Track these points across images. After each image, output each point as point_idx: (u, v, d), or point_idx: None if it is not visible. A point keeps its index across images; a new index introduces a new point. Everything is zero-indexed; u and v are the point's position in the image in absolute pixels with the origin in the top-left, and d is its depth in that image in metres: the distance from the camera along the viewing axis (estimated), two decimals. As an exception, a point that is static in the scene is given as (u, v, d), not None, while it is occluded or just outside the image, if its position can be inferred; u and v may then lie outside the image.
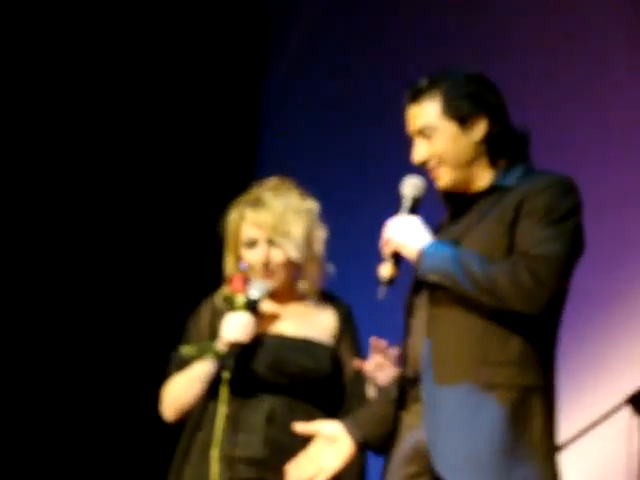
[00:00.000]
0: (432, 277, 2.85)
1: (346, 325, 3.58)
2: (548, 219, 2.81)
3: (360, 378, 3.46)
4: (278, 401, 3.46)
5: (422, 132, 2.92)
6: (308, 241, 3.53)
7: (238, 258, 3.57)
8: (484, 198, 2.91)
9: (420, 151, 2.92)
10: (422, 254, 2.85)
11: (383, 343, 3.28)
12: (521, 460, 2.78)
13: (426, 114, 2.90)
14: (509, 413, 2.78)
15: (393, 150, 3.39)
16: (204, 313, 3.60)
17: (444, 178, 2.92)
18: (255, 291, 3.49)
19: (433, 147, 2.91)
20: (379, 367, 3.29)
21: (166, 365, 5.44)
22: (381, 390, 3.25)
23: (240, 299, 3.49)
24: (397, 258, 2.92)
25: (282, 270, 3.52)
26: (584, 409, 4.79)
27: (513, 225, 2.82)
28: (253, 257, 3.52)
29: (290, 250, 3.51)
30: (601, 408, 4.58)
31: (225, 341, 3.42)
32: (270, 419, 3.45)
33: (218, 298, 3.61)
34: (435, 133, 2.90)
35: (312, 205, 3.58)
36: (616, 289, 5.06)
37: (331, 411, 3.46)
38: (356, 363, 3.33)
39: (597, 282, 4.87)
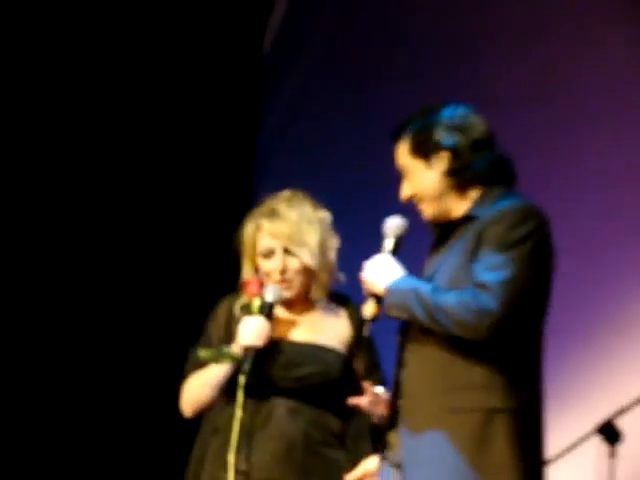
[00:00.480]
0: (394, 312, 2.95)
1: (360, 334, 3.58)
2: (500, 247, 2.87)
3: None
4: (290, 405, 3.50)
5: (402, 172, 3.07)
6: (322, 249, 3.59)
7: (255, 268, 3.62)
8: (459, 228, 3.01)
9: (403, 189, 3.07)
10: (387, 291, 2.95)
11: (372, 389, 3.31)
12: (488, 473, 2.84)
13: (401, 155, 3.06)
14: (471, 436, 2.84)
15: (387, 189, 3.41)
16: (221, 314, 3.64)
17: (426, 212, 3.04)
18: (270, 295, 3.53)
19: (411, 185, 3.05)
20: (373, 403, 3.32)
21: (176, 364, 5.47)
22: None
23: (256, 303, 3.54)
24: (378, 296, 3.02)
25: (298, 277, 3.57)
26: (555, 437, 4.79)
27: (474, 254, 2.91)
28: (270, 266, 3.57)
29: (306, 258, 3.56)
30: (571, 437, 4.59)
31: (241, 345, 3.46)
32: (283, 436, 3.47)
33: (236, 304, 3.64)
34: (409, 172, 3.05)
35: (325, 215, 3.65)
36: (588, 323, 5.04)
37: (343, 416, 3.54)
38: (351, 400, 3.34)
39: (569, 315, 4.84)
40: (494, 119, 3.17)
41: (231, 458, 3.46)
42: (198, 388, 3.56)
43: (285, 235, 3.58)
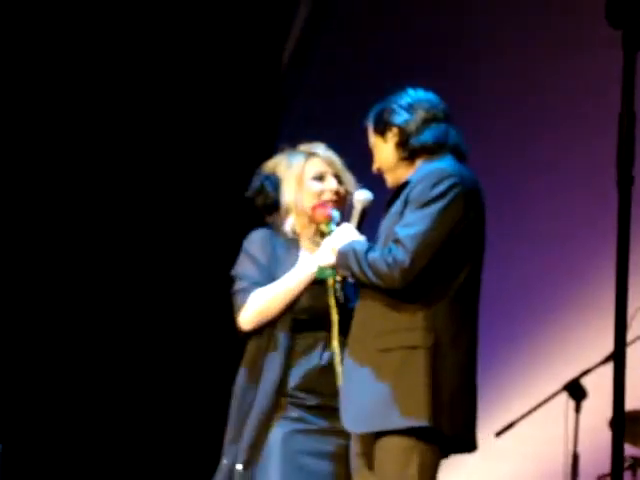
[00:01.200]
0: (341, 271, 3.18)
1: None
2: (416, 205, 3.03)
3: None
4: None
5: (371, 149, 3.31)
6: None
7: (301, 191, 3.53)
8: (399, 193, 3.17)
9: (373, 164, 3.30)
10: (336, 253, 3.16)
11: None
12: (397, 408, 2.96)
13: (369, 135, 3.31)
14: (394, 370, 3.00)
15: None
16: (264, 242, 3.54)
17: (388, 181, 3.28)
18: (336, 218, 3.49)
19: (376, 159, 3.30)
20: None
21: (176, 363, 5.38)
22: None
23: (330, 227, 3.46)
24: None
25: (344, 202, 3.54)
26: (526, 396, 4.76)
27: (401, 215, 3.08)
28: (324, 186, 3.53)
29: (351, 187, 3.55)
30: (541, 395, 4.61)
31: (332, 264, 3.31)
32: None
33: (282, 230, 3.54)
34: (374, 148, 3.30)
35: None
36: (558, 301, 5.05)
37: None
38: None
39: (544, 294, 4.90)
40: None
41: (335, 343, 3.41)
42: (275, 299, 3.43)
43: (336, 163, 3.58)
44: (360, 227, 3.34)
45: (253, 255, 3.52)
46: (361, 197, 3.38)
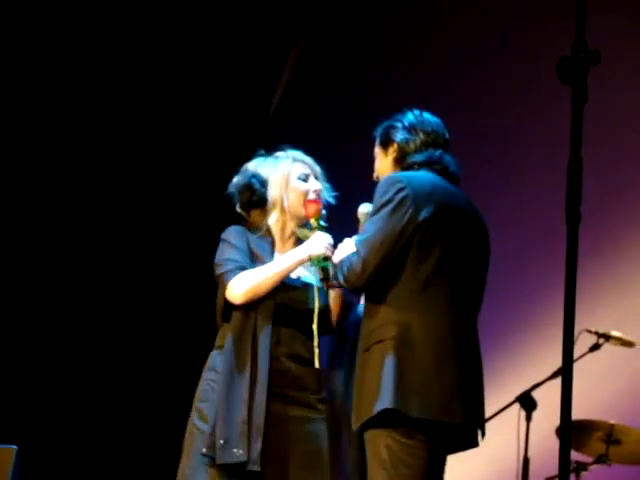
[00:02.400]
0: (334, 281, 3.18)
1: None
2: (371, 214, 3.06)
3: None
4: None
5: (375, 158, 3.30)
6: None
7: (287, 190, 3.48)
8: None
9: (374, 171, 3.30)
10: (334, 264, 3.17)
11: None
12: (366, 394, 2.93)
13: (375, 146, 3.31)
14: (369, 366, 2.96)
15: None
16: (242, 235, 3.47)
17: None
18: (325, 215, 3.49)
19: (376, 168, 3.29)
20: None
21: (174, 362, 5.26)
22: None
23: (320, 222, 3.45)
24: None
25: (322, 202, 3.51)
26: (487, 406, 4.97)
27: None
28: (309, 186, 3.50)
29: (326, 190, 3.56)
30: (496, 405, 4.56)
31: (323, 254, 3.35)
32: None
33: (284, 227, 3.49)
34: (376, 158, 3.30)
35: None
36: (512, 321, 5.11)
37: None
38: None
39: (500, 314, 4.87)
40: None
41: (314, 327, 3.36)
42: (267, 277, 3.34)
43: (316, 168, 3.57)
44: None
45: (233, 243, 3.43)
46: (364, 210, 3.37)
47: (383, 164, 3.25)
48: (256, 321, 3.33)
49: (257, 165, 3.58)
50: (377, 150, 3.28)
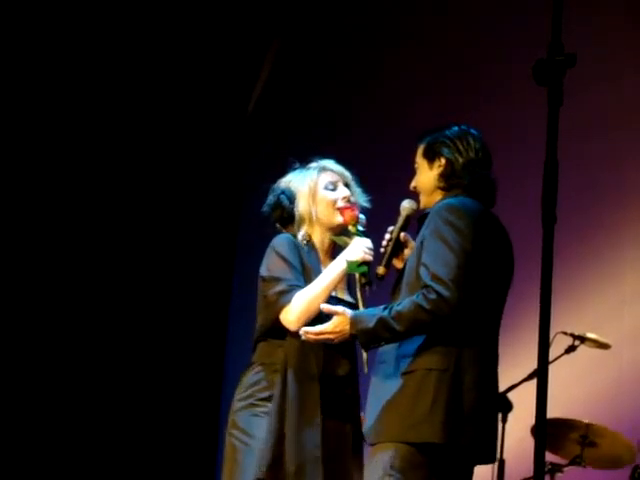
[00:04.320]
0: (371, 345, 3.09)
1: None
2: (436, 237, 2.99)
3: None
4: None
5: (415, 168, 3.25)
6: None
7: (315, 202, 3.46)
8: (420, 220, 3.16)
9: (412, 181, 3.25)
10: (359, 333, 3.06)
11: None
12: (413, 422, 2.91)
13: (417, 155, 3.24)
14: (407, 388, 2.94)
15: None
16: (294, 247, 3.43)
17: (421, 201, 3.23)
18: (363, 220, 3.46)
19: (417, 179, 3.23)
20: None
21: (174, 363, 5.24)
22: None
23: (357, 228, 3.42)
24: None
25: (356, 208, 3.49)
26: None
27: (422, 247, 3.03)
28: (337, 195, 3.48)
29: (358, 197, 3.54)
30: None
31: (363, 259, 3.33)
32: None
33: (323, 236, 3.47)
34: (418, 169, 3.23)
35: None
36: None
37: None
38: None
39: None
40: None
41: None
42: (316, 297, 3.31)
43: (346, 175, 3.55)
44: (404, 230, 3.31)
45: (286, 258, 3.39)
46: (407, 205, 3.33)
47: (426, 177, 3.20)
48: (309, 347, 3.32)
49: (289, 179, 3.56)
50: (420, 161, 3.22)
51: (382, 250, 3.31)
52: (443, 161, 3.14)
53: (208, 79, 6.49)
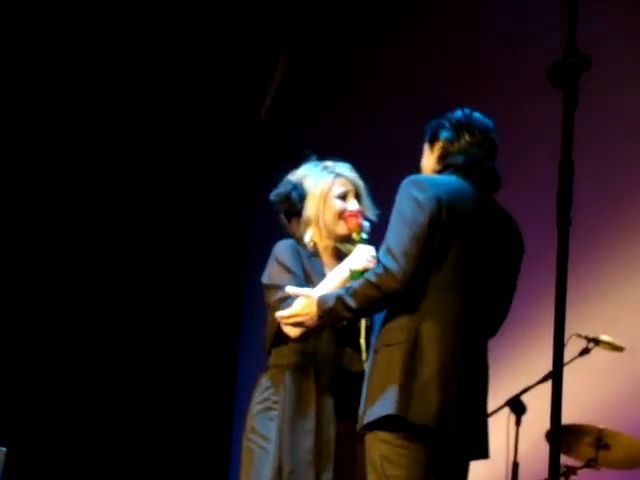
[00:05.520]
0: (334, 322, 3.17)
1: None
2: (394, 213, 3.02)
3: None
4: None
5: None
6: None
7: (324, 207, 3.46)
8: None
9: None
10: (322, 313, 3.09)
11: None
12: (370, 398, 2.92)
13: (424, 140, 3.25)
14: (370, 364, 2.98)
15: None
16: (294, 253, 3.43)
17: None
18: (367, 228, 3.46)
19: (422, 162, 3.25)
20: None
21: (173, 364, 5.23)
22: None
23: (362, 235, 3.43)
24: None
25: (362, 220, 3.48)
26: None
27: None
28: (348, 206, 3.46)
29: (367, 209, 3.53)
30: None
31: (364, 267, 3.29)
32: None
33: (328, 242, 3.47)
34: (423, 153, 3.24)
35: None
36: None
37: None
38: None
39: None
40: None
41: (362, 341, 3.32)
42: None
43: (359, 185, 3.53)
44: None
45: (287, 265, 3.39)
46: None
47: (427, 160, 3.21)
48: (315, 347, 3.31)
49: (303, 174, 3.54)
50: (425, 144, 3.23)
51: None
52: (440, 144, 3.15)
53: (219, 84, 6.50)
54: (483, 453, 3.05)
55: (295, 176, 3.54)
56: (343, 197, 3.49)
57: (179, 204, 6.30)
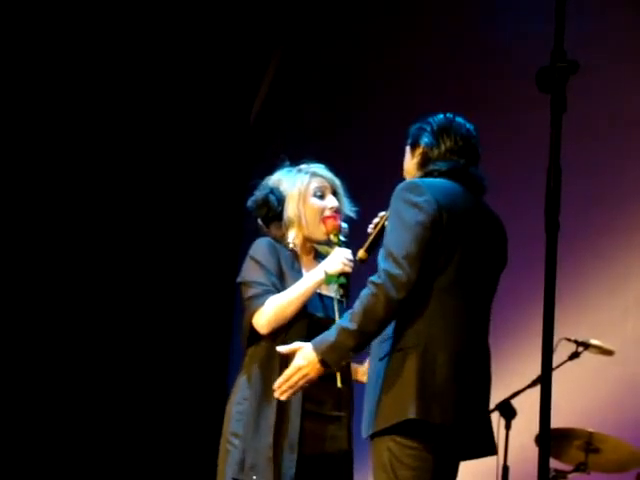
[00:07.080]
0: (345, 361, 3.05)
1: None
2: (390, 219, 2.96)
3: None
4: None
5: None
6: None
7: (304, 207, 3.46)
8: None
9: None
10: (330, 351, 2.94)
11: None
12: (385, 403, 2.86)
13: (406, 143, 3.20)
14: (377, 370, 2.91)
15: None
16: (272, 251, 3.42)
17: None
18: (345, 229, 3.47)
19: (404, 166, 3.20)
20: None
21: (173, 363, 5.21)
22: None
23: (339, 238, 3.43)
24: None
25: (341, 218, 3.50)
26: None
27: None
28: (325, 203, 3.48)
29: (344, 206, 3.53)
30: None
31: (341, 270, 3.33)
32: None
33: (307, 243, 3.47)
34: (405, 157, 3.19)
35: None
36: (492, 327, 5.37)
37: None
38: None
39: None
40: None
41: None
42: (289, 304, 3.31)
43: (335, 183, 3.54)
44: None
45: (261, 262, 3.39)
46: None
47: (408, 165, 3.18)
48: (285, 342, 3.23)
49: (278, 178, 3.54)
50: (407, 148, 3.19)
51: (369, 231, 3.27)
52: (420, 149, 3.10)
53: (210, 87, 6.50)
54: (491, 449, 3.03)
55: (270, 181, 3.54)
56: (321, 195, 3.49)
57: (171, 206, 6.32)
